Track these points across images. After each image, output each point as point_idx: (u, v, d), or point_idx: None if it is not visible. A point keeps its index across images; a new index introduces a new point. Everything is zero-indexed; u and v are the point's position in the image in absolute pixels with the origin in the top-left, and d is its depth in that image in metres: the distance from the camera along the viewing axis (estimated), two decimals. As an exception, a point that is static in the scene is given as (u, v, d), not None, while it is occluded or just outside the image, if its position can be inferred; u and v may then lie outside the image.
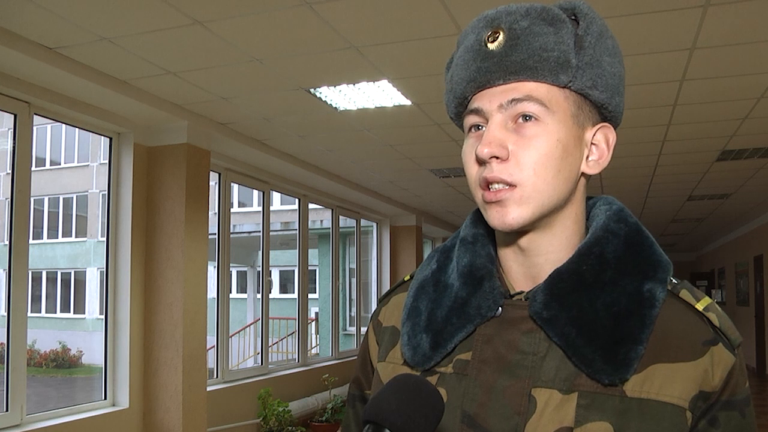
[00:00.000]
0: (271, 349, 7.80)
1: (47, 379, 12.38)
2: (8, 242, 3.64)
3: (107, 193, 4.49)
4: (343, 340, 8.63)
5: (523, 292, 0.81)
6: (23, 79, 3.59)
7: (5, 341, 3.61)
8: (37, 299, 16.52)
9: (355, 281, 8.84)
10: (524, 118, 0.76)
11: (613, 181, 7.22)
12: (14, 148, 3.70)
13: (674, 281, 0.80)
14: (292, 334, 9.47)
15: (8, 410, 3.56)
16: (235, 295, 15.74)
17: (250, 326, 11.03)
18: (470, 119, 0.80)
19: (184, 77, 3.85)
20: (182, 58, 3.56)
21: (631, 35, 3.29)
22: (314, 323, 10.70)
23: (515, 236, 0.81)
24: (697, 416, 0.75)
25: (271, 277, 6.61)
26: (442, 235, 11.21)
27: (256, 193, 7.57)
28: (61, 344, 13.49)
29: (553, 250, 0.81)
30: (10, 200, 3.68)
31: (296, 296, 7.16)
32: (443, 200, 8.60)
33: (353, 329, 9.30)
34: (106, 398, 4.33)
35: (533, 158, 0.75)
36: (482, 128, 0.78)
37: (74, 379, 12.55)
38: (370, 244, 9.44)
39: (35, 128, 3.89)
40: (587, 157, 0.81)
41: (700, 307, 0.78)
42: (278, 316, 11.10)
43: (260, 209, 6.47)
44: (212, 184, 5.14)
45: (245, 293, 15.83)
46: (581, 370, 0.74)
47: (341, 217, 8.09)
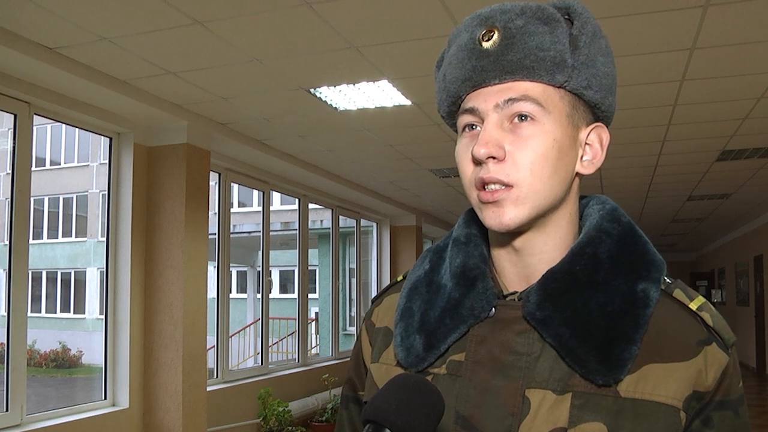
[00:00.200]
0: (271, 349, 7.80)
1: (47, 379, 12.38)
2: (8, 242, 3.64)
3: (107, 193, 4.49)
4: (343, 340, 8.63)
5: (516, 292, 0.81)
6: (23, 79, 3.59)
7: (5, 341, 3.61)
8: (37, 299, 16.52)
9: (355, 281, 8.85)
10: (520, 117, 0.76)
11: (613, 181, 7.22)
12: (14, 148, 3.70)
13: (668, 281, 0.80)
14: (292, 334, 9.47)
15: (8, 410, 3.56)
16: (235, 295, 15.75)
17: (250, 326, 11.03)
18: (464, 119, 0.79)
19: (184, 77, 3.85)
20: (182, 58, 3.56)
21: (631, 35, 3.29)
22: (314, 323, 10.71)
23: (509, 236, 0.80)
24: (691, 416, 0.75)
25: (271, 277, 6.61)
26: (442, 235, 11.20)
27: (256, 193, 7.57)
28: (61, 344, 13.49)
29: (547, 250, 0.81)
30: (10, 200, 3.67)
31: (296, 296, 7.16)
32: (443, 200, 8.60)
33: (353, 329, 9.30)
34: (106, 398, 4.33)
35: (530, 158, 0.75)
36: (476, 128, 0.78)
37: (74, 379, 12.55)
38: (370, 244, 9.44)
39: (35, 128, 3.89)
40: (582, 157, 0.81)
41: (693, 306, 0.78)
42: (278, 316, 11.10)
43: (260, 209, 6.47)
44: (212, 184, 5.14)
45: (245, 293, 15.83)
46: (575, 370, 0.74)
47: (341, 217, 8.09)
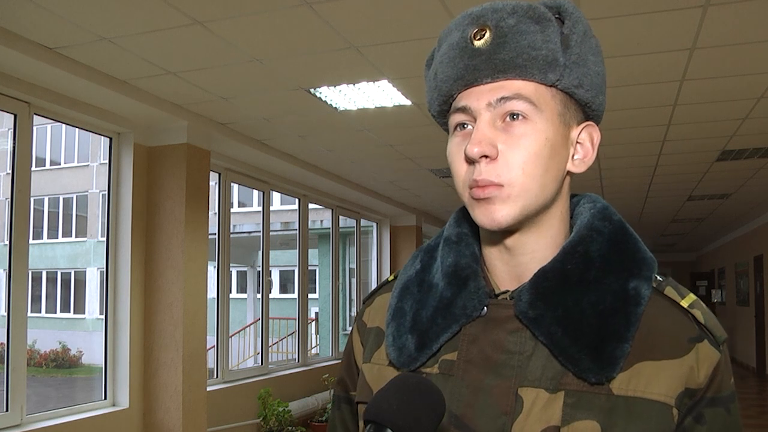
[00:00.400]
0: (271, 349, 7.80)
1: (47, 379, 12.39)
2: (8, 242, 3.64)
3: (107, 193, 4.49)
4: (343, 340, 8.62)
5: (508, 291, 0.81)
6: (23, 79, 3.59)
7: (5, 341, 3.61)
8: (37, 299, 16.52)
9: (355, 281, 8.85)
10: (513, 116, 0.76)
11: (613, 181, 7.22)
12: (14, 148, 3.70)
13: (659, 278, 0.80)
14: (292, 334, 9.47)
15: (8, 410, 3.56)
16: (235, 295, 15.75)
17: (250, 326, 11.04)
18: (456, 117, 0.79)
19: (184, 77, 3.85)
20: (182, 58, 3.56)
21: (631, 35, 3.29)
22: (314, 323, 10.70)
23: (501, 235, 0.80)
24: (683, 413, 0.75)
25: (271, 277, 6.61)
26: (442, 235, 11.20)
27: (256, 193, 7.57)
28: (61, 344, 13.50)
29: (538, 248, 0.81)
30: (10, 200, 3.67)
31: (296, 296, 7.16)
32: (443, 200, 8.61)
33: (353, 329, 9.28)
34: (106, 398, 4.33)
35: (522, 157, 0.75)
36: (468, 127, 0.78)
37: (74, 379, 12.56)
38: (370, 244, 9.44)
39: (35, 128, 3.89)
40: (573, 155, 0.81)
41: (685, 304, 0.79)
42: (278, 316, 11.10)
43: (260, 209, 6.47)
44: (212, 184, 5.14)
45: (245, 293, 15.83)
46: (568, 369, 0.74)
47: (341, 217, 8.09)
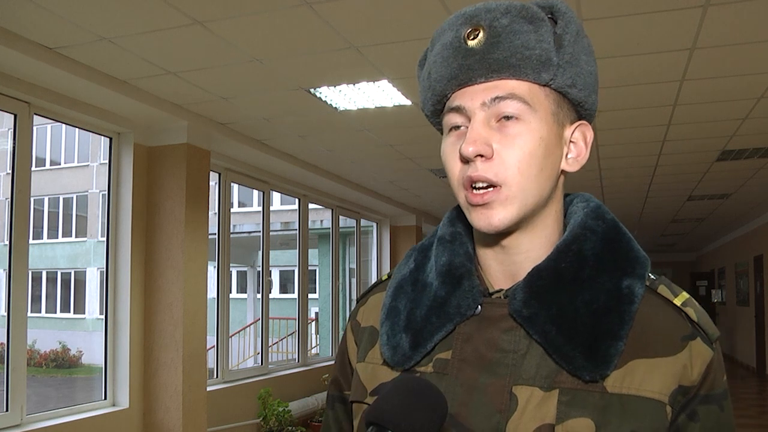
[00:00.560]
0: (271, 349, 7.80)
1: (47, 379, 12.39)
2: (8, 242, 3.64)
3: (107, 193, 4.49)
4: (343, 340, 8.61)
5: (502, 290, 0.82)
6: (23, 79, 3.58)
7: (5, 341, 3.61)
8: (37, 299, 16.52)
9: (355, 281, 8.84)
10: (507, 116, 0.76)
11: (613, 181, 7.23)
12: (14, 148, 3.70)
13: (652, 277, 0.81)
14: (292, 334, 9.47)
15: (8, 410, 3.56)
16: (235, 295, 15.75)
17: (250, 326, 11.03)
18: (450, 117, 0.79)
19: (184, 77, 3.85)
20: (182, 58, 3.56)
21: (631, 35, 3.29)
22: (314, 323, 10.71)
23: (496, 235, 0.80)
24: (676, 410, 0.75)
25: (271, 277, 6.61)
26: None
27: (256, 193, 7.57)
28: (61, 344, 13.50)
29: (533, 248, 0.81)
30: (10, 200, 3.67)
31: (296, 296, 7.16)
32: (443, 200, 8.61)
33: (353, 329, 9.28)
34: (106, 398, 4.33)
35: (517, 157, 0.75)
36: (462, 126, 0.78)
37: (74, 379, 12.56)
38: (370, 244, 9.44)
39: (35, 128, 3.89)
40: (567, 154, 0.82)
41: (678, 302, 0.79)
42: (278, 316, 11.10)
43: (260, 209, 6.47)
44: (212, 184, 5.14)
45: (245, 293, 15.83)
46: (562, 367, 0.75)
47: (341, 217, 8.09)
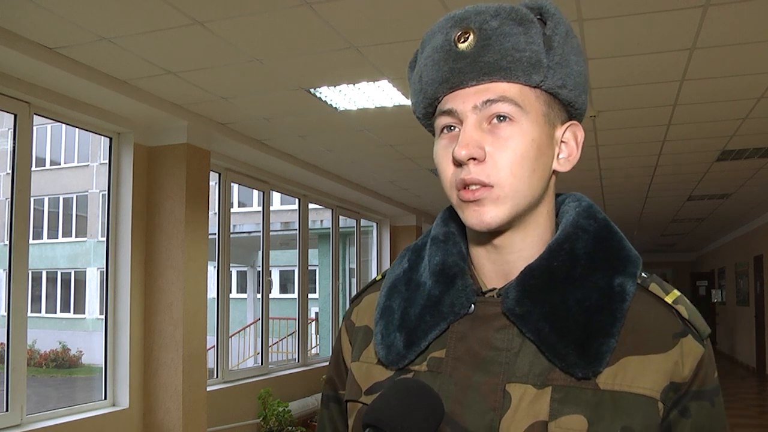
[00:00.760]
0: (271, 349, 7.80)
1: (47, 379, 12.38)
2: (8, 242, 3.64)
3: (107, 193, 4.49)
4: (343, 340, 8.61)
5: (495, 289, 0.82)
6: (23, 79, 3.58)
7: (5, 341, 3.61)
8: (37, 299, 16.52)
9: (355, 281, 8.84)
10: (499, 118, 0.77)
11: (613, 181, 7.23)
12: (14, 148, 3.70)
13: (644, 275, 0.82)
14: (292, 334, 9.47)
15: (8, 410, 3.56)
16: (235, 295, 15.75)
17: (250, 326, 11.03)
18: (442, 120, 0.80)
19: (184, 77, 3.85)
20: (182, 58, 3.56)
21: (631, 35, 3.29)
22: (314, 323, 10.70)
23: (489, 235, 0.82)
24: (668, 407, 0.76)
25: (271, 277, 6.61)
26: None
27: (256, 193, 7.57)
28: (61, 344, 13.50)
29: (525, 247, 0.82)
30: (10, 200, 3.67)
31: (296, 296, 7.16)
32: (443, 200, 8.55)
33: (353, 329, 9.27)
34: (106, 398, 4.33)
35: (510, 159, 0.76)
36: (455, 129, 0.79)
37: (74, 379, 12.55)
38: (370, 244, 9.43)
39: (35, 128, 3.89)
40: (558, 155, 0.82)
41: (669, 300, 0.80)
42: (278, 316, 11.10)
43: (260, 209, 6.47)
44: (212, 184, 5.14)
45: (245, 293, 15.83)
46: (555, 364, 0.75)
47: (341, 217, 8.09)
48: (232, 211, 5.86)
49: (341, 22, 3.12)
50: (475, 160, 0.76)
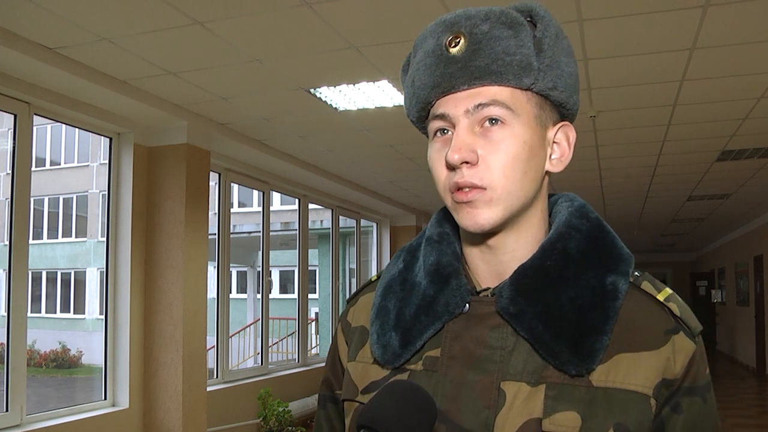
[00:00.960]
0: (271, 349, 7.80)
1: (47, 379, 12.38)
2: (8, 242, 3.64)
3: (107, 193, 4.49)
4: (343, 340, 8.60)
5: (489, 288, 0.83)
6: (23, 79, 3.58)
7: (5, 341, 3.61)
8: (37, 299, 16.51)
9: (355, 281, 8.84)
10: (490, 121, 0.78)
11: (613, 181, 7.23)
12: (14, 148, 3.70)
13: (636, 274, 0.83)
14: (292, 334, 9.47)
15: (8, 410, 3.56)
16: (235, 295, 15.74)
17: (250, 326, 11.03)
18: (435, 124, 0.81)
19: (184, 77, 3.85)
20: (182, 58, 3.56)
21: (631, 35, 3.29)
22: (314, 323, 10.71)
23: (483, 235, 0.83)
24: (660, 403, 0.77)
25: (271, 277, 6.61)
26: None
27: (256, 193, 7.57)
28: (61, 344, 13.49)
29: (518, 247, 0.83)
30: (10, 200, 3.67)
31: (296, 296, 7.16)
32: (443, 201, 8.59)
33: (353, 329, 9.27)
34: (106, 398, 4.33)
35: (502, 161, 0.77)
36: (448, 132, 0.80)
37: (74, 379, 12.55)
38: (370, 244, 9.44)
39: (35, 128, 3.89)
40: (550, 155, 0.83)
41: (661, 297, 0.81)
42: (278, 316, 11.10)
43: (260, 209, 6.47)
44: (212, 184, 5.14)
45: (245, 293, 15.83)
46: (548, 362, 0.76)
47: (341, 217, 8.09)
48: (232, 211, 5.86)
49: (341, 22, 3.12)
50: (467, 163, 0.77)
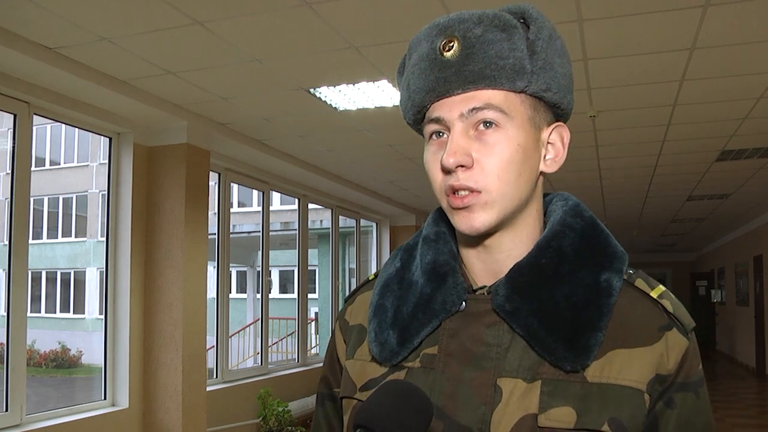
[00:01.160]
0: (270, 349, 7.80)
1: (47, 379, 12.38)
2: (8, 242, 3.64)
3: (107, 193, 4.49)
4: (342, 340, 8.60)
5: (485, 286, 0.84)
6: (23, 79, 3.58)
7: (5, 341, 3.61)
8: (36, 299, 16.52)
9: (354, 281, 8.84)
10: (485, 124, 0.79)
11: (613, 181, 7.23)
12: (14, 148, 3.70)
13: (630, 271, 0.84)
14: (291, 334, 9.47)
15: (8, 410, 3.56)
16: (234, 295, 15.74)
17: (249, 326, 11.03)
18: (431, 127, 0.82)
19: (184, 77, 3.85)
20: (182, 58, 3.56)
21: (631, 35, 3.29)
22: (314, 323, 10.71)
23: (479, 236, 0.84)
24: (654, 398, 0.78)
25: (270, 277, 6.61)
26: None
27: (255, 193, 7.57)
28: (60, 344, 13.49)
29: (514, 246, 0.84)
30: (9, 200, 3.67)
31: (296, 296, 7.16)
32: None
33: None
34: (105, 398, 4.33)
35: (496, 164, 0.78)
36: (443, 135, 0.81)
37: (74, 379, 12.55)
38: (369, 244, 9.44)
39: (35, 128, 3.89)
40: (545, 156, 0.84)
41: (654, 294, 0.82)
42: (278, 316, 11.10)
43: (260, 209, 6.47)
44: (212, 184, 5.14)
45: (245, 293, 15.83)
46: (544, 358, 0.77)
47: (341, 217, 8.09)
48: (231, 211, 5.86)
49: (341, 22, 3.12)
50: (463, 167, 0.78)
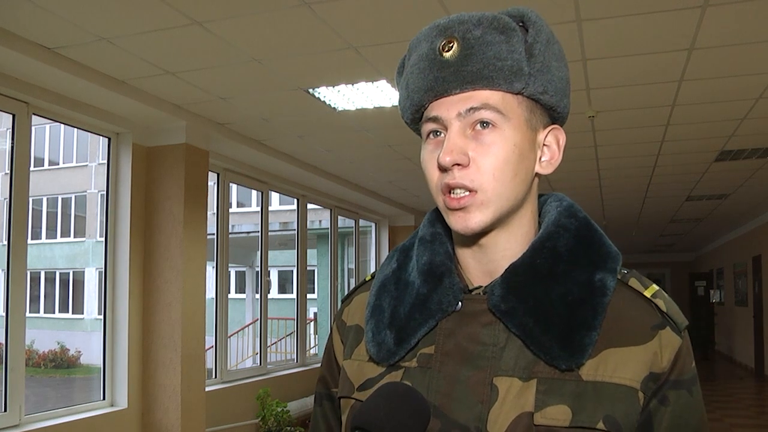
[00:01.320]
0: (269, 349, 7.80)
1: (46, 379, 12.38)
2: (6, 242, 3.64)
3: (106, 193, 4.49)
4: (341, 340, 8.59)
5: (481, 286, 0.85)
6: (22, 79, 3.58)
7: (3, 341, 3.61)
8: (35, 299, 16.52)
9: (353, 281, 8.84)
10: (482, 124, 0.80)
11: (612, 181, 7.23)
12: (13, 148, 3.70)
13: (624, 271, 0.85)
14: (290, 334, 9.47)
15: (7, 410, 3.56)
16: (233, 295, 15.73)
17: (248, 326, 11.03)
18: (428, 126, 0.84)
19: (183, 77, 3.85)
20: (181, 58, 3.56)
21: (630, 35, 3.29)
22: (313, 323, 10.70)
23: (474, 236, 0.85)
24: (648, 396, 0.79)
25: (269, 277, 6.61)
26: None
27: (254, 193, 7.56)
28: (59, 344, 13.50)
29: (509, 246, 0.85)
30: (8, 200, 3.67)
31: (295, 296, 7.16)
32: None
33: (352, 329, 9.27)
34: (104, 398, 4.33)
35: (492, 164, 0.79)
36: (440, 134, 0.83)
37: (73, 379, 12.55)
38: (368, 244, 9.44)
39: (34, 128, 3.88)
40: (540, 158, 0.86)
41: (648, 294, 0.83)
42: (277, 316, 11.10)
43: (259, 209, 6.47)
44: (211, 184, 5.14)
45: (244, 293, 15.82)
46: (539, 357, 0.79)
47: (340, 217, 8.09)
48: (230, 211, 5.86)
49: (340, 22, 3.12)
50: (459, 165, 0.79)
